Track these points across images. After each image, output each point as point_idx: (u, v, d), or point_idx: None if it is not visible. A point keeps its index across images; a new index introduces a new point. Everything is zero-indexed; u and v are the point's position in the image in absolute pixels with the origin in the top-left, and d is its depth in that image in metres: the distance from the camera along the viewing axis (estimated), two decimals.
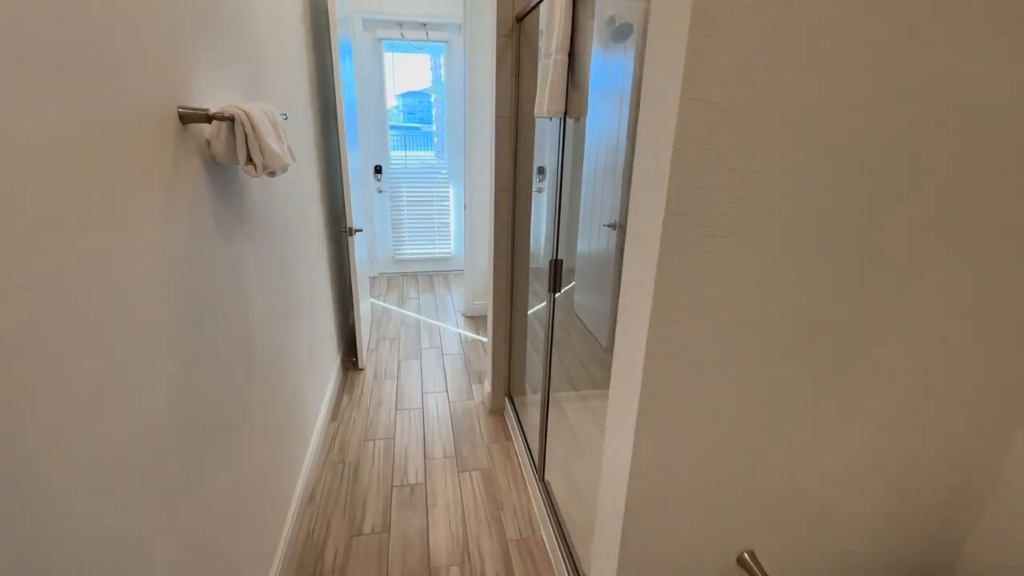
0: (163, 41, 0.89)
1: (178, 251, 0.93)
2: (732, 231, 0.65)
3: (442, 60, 3.97)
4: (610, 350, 2.92)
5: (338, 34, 2.22)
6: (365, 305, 3.02)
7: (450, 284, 4.26)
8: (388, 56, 3.90)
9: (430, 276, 4.44)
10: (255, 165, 1.08)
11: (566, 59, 1.21)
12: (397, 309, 3.64)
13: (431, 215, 4.34)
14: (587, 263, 2.80)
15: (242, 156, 1.07)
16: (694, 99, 0.58)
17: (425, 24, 3.81)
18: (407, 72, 4.02)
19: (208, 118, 0.99)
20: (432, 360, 2.90)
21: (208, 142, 1.07)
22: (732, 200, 0.64)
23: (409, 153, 4.19)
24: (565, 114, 1.28)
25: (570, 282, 3.01)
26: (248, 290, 1.30)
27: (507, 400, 2.35)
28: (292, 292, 1.74)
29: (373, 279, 4.33)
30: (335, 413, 2.31)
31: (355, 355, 2.76)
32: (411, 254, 4.42)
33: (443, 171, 4.23)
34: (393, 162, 4.14)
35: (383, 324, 3.38)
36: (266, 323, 1.44)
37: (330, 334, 2.48)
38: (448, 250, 4.47)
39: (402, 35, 3.80)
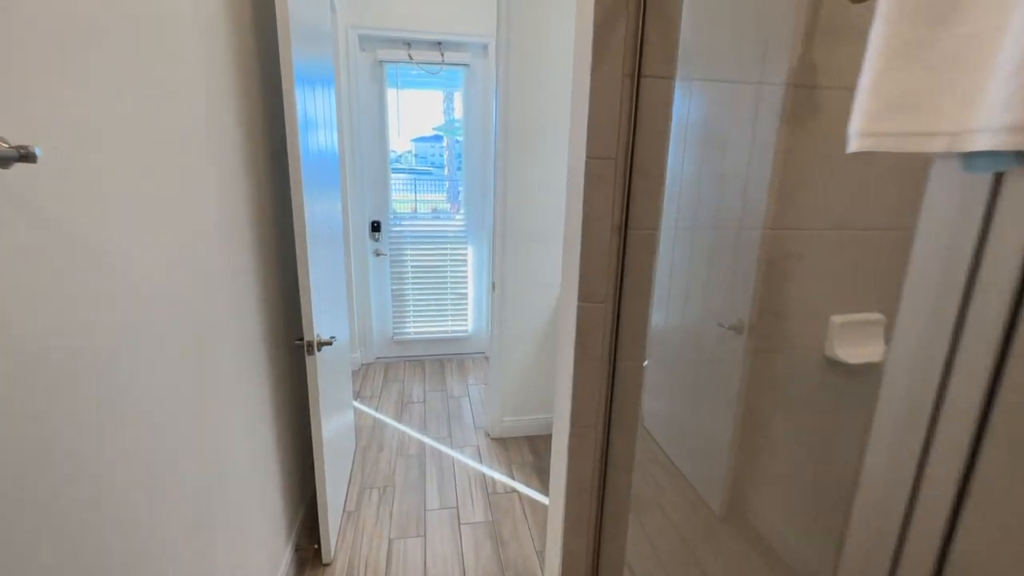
0: None
1: None
2: None
3: (458, 92, 3.09)
4: (729, 518, 1.70)
5: (291, 48, 1.30)
6: (343, 428, 1.99)
7: (466, 374, 3.23)
8: (392, 92, 3.02)
9: (440, 362, 3.42)
10: None
11: None
12: (393, 424, 2.59)
13: (443, 283, 3.36)
14: (675, 362, 1.76)
15: None
16: None
17: (440, 43, 2.95)
18: (420, 109, 3.13)
19: None
20: (444, 537, 1.82)
21: None
22: None
23: (420, 196, 3.25)
24: None
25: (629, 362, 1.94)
26: None
27: None
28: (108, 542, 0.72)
29: (367, 367, 3.31)
30: None
31: (318, 538, 1.70)
32: (416, 333, 3.41)
33: (460, 222, 3.28)
34: (397, 213, 3.20)
35: (371, 453, 2.33)
36: None
37: (272, 514, 1.44)
38: (464, 328, 3.46)
39: (410, 56, 2.93)
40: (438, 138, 3.22)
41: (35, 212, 0.58)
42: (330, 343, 1.53)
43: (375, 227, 3.17)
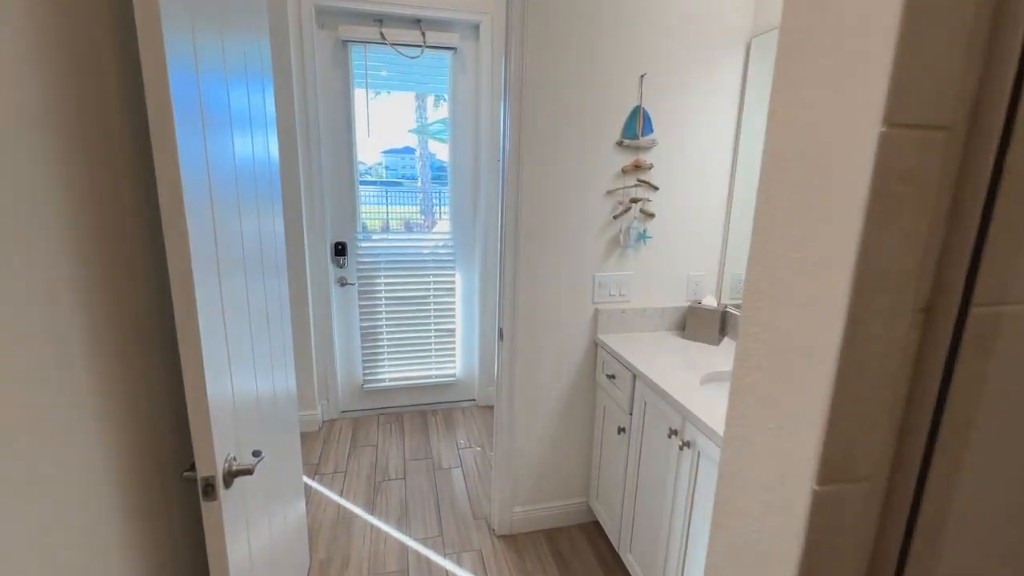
0: None
1: None
2: None
3: (433, 95, 2.50)
4: None
5: (158, 13, 0.69)
6: (285, 555, 1.33)
7: (455, 431, 2.59)
8: (360, 92, 2.41)
9: (422, 414, 2.77)
10: None
11: None
12: (364, 516, 1.93)
13: (425, 317, 2.73)
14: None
15: None
16: None
17: (420, 20, 2.35)
18: (394, 111, 2.53)
19: None
20: None
21: None
22: None
23: (392, 208, 2.64)
24: None
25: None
26: None
27: None
28: None
29: (330, 425, 2.64)
30: None
31: None
32: (391, 380, 2.75)
33: (445, 240, 2.67)
34: (368, 229, 2.57)
35: (334, 565, 1.67)
36: None
37: None
38: (451, 371, 2.83)
39: (382, 35, 2.32)
40: (410, 150, 2.62)
41: None
42: (250, 470, 0.89)
43: (339, 250, 2.52)
